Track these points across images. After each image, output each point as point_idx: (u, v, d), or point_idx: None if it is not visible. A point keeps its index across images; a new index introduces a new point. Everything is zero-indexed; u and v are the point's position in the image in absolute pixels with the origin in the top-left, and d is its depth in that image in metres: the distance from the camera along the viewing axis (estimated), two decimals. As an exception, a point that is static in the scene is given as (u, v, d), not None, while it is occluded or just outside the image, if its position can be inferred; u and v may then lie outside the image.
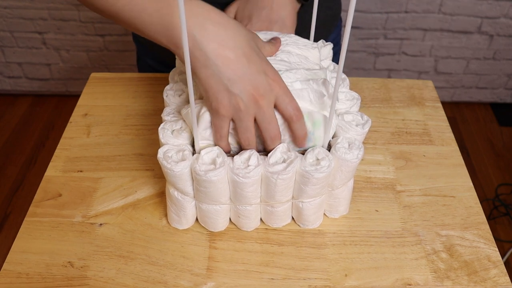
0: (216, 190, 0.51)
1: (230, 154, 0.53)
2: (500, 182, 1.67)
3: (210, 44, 0.46)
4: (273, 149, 0.52)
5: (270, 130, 0.50)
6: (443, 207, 0.62)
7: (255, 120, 0.50)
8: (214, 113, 0.49)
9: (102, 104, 0.76)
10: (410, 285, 0.53)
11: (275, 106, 0.50)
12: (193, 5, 0.46)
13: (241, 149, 0.53)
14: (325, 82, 0.53)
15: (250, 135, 0.50)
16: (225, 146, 0.52)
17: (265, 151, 0.52)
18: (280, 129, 0.51)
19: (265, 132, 0.50)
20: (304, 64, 0.56)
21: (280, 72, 0.52)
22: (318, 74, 0.54)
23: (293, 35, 0.59)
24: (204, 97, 0.50)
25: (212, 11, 0.47)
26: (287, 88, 0.50)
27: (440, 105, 0.77)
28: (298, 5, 0.64)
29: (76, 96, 0.81)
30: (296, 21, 0.64)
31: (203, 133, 0.51)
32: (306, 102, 0.52)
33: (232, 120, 0.50)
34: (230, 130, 0.51)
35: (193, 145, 0.53)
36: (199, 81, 0.49)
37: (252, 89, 0.48)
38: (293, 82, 0.52)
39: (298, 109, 0.50)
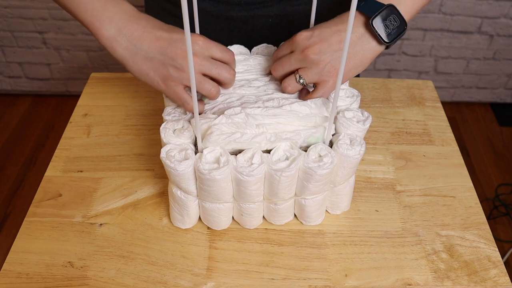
0: (219, 189, 0.52)
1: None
2: (500, 182, 1.67)
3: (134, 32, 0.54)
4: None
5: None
6: (443, 207, 0.62)
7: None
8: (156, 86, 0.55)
9: (102, 104, 0.76)
10: (410, 285, 0.53)
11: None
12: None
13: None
14: None
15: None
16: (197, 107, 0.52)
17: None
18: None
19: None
20: None
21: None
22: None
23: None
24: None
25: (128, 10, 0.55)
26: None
27: (440, 105, 0.77)
28: (379, 48, 0.56)
29: (76, 96, 0.81)
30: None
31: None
32: (308, 109, 0.54)
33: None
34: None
35: (195, 144, 0.53)
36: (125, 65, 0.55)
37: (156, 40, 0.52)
38: (293, 103, 0.54)
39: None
